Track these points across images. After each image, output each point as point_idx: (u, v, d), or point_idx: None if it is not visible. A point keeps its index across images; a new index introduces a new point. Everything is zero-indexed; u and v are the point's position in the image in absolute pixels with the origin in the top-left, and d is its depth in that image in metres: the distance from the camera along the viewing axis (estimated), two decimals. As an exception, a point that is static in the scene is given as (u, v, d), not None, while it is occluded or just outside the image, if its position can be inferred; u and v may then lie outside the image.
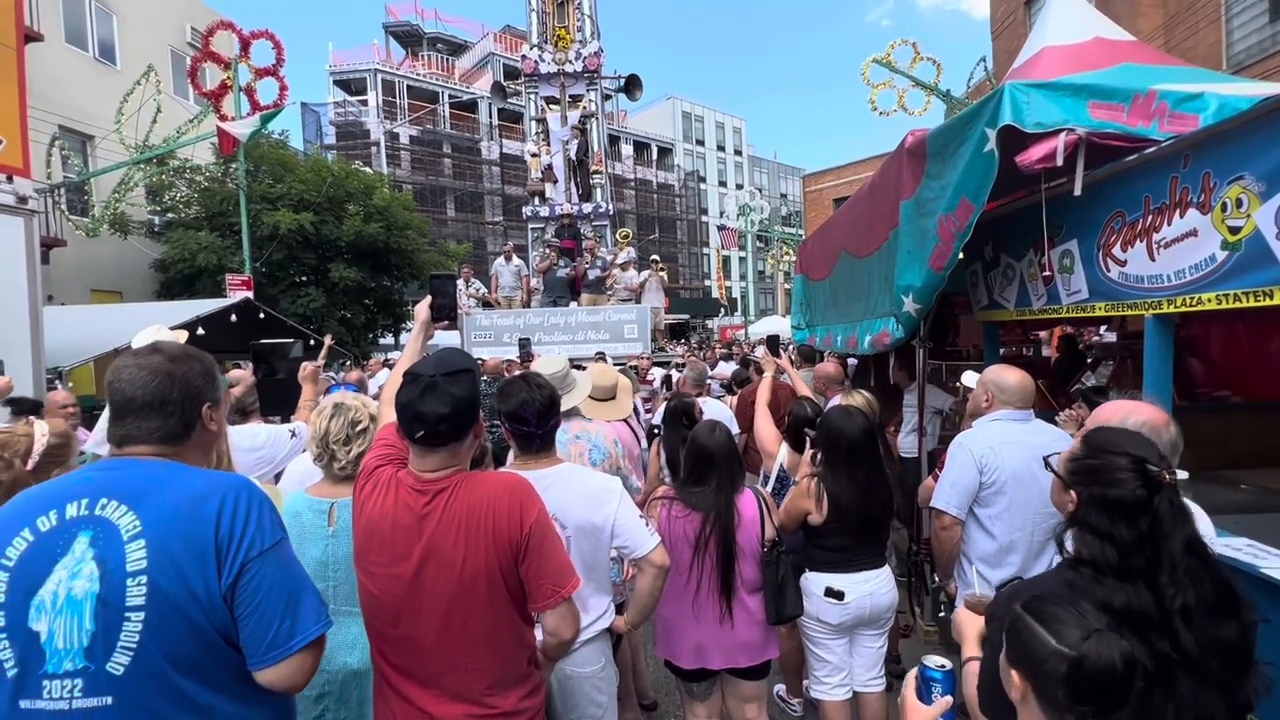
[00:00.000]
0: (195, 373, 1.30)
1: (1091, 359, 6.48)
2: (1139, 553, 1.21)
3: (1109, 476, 1.27)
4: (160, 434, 1.25)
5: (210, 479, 1.24)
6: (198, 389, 1.29)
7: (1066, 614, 1.05)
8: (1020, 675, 1.08)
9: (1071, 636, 1.02)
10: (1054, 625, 1.04)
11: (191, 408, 1.28)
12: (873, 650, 2.64)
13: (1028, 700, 1.07)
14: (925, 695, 1.30)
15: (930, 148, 3.27)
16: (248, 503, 1.22)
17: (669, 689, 3.40)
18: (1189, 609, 1.17)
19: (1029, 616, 1.08)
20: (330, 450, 1.94)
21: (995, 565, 2.28)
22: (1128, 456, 1.27)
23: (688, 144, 45.02)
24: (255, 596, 1.18)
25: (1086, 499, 1.30)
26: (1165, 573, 1.19)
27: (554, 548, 1.50)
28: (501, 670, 1.49)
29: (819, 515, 2.52)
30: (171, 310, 9.64)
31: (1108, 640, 1.00)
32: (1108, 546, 1.23)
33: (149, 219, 14.42)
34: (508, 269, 11.66)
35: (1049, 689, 1.03)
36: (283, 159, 15.12)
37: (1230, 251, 2.12)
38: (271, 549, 1.21)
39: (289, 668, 1.20)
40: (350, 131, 30.21)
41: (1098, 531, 1.26)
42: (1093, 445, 1.35)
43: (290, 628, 1.20)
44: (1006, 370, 2.45)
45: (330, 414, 1.99)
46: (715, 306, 35.24)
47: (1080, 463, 1.35)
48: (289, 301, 14.12)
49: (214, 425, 1.34)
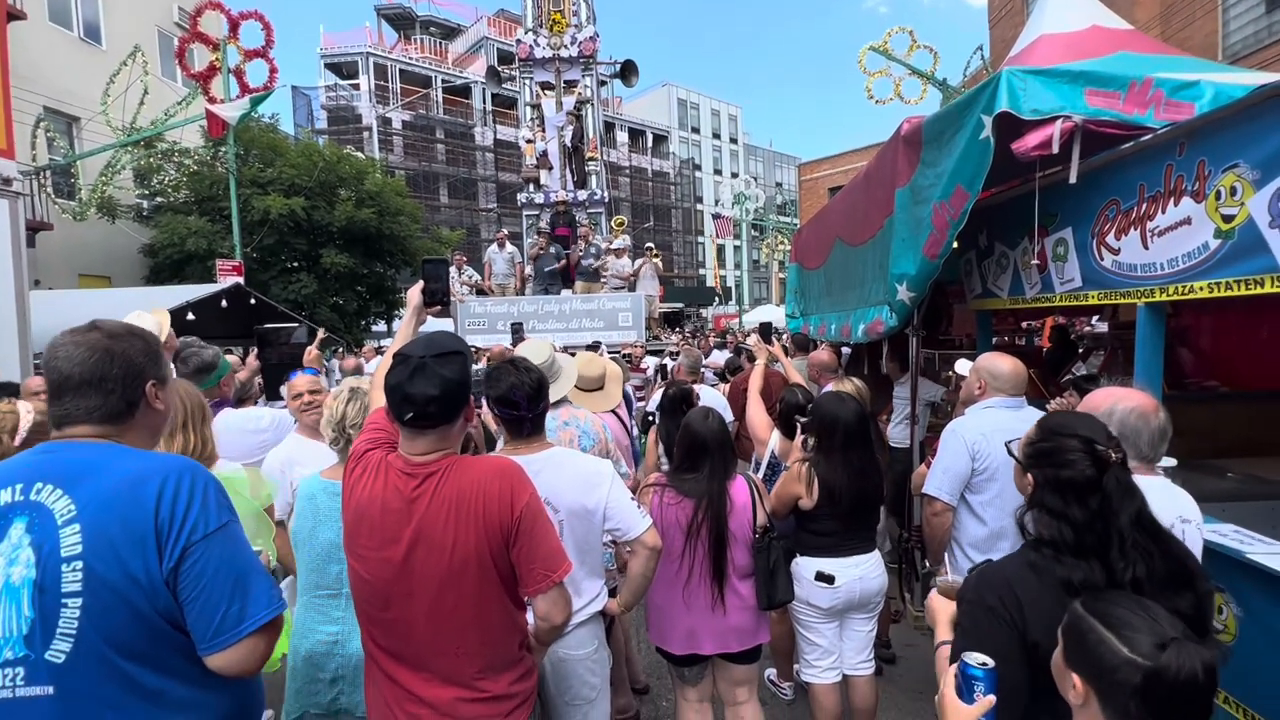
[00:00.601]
0: (136, 350, 1.25)
1: (1083, 349, 6.52)
2: (1091, 530, 1.27)
3: (1061, 458, 1.32)
4: (100, 413, 1.21)
5: (151, 461, 1.20)
6: (139, 366, 1.25)
7: (1137, 619, 1.00)
8: (1083, 680, 1.03)
9: (1144, 645, 0.96)
10: (1124, 631, 0.99)
11: (133, 385, 1.24)
12: (862, 634, 2.66)
13: (1089, 705, 1.03)
14: (966, 694, 1.24)
15: (926, 135, 3.25)
16: (190, 485, 1.17)
17: (660, 673, 3.42)
18: (1139, 581, 1.22)
19: (1095, 619, 1.03)
20: (347, 434, 1.95)
21: (986, 551, 2.29)
22: (1077, 438, 1.33)
23: (683, 131, 44.77)
24: (199, 581, 1.14)
25: (1042, 481, 1.35)
26: (1115, 547, 1.24)
27: (545, 532, 1.49)
28: (492, 654, 1.49)
29: (809, 500, 2.54)
30: (161, 295, 9.52)
31: (1187, 650, 0.94)
32: (1063, 526, 1.29)
33: (137, 203, 14.23)
34: (501, 256, 11.59)
35: (1119, 699, 0.97)
36: (273, 143, 14.94)
37: (1223, 240, 2.12)
38: (217, 532, 1.17)
39: (238, 653, 1.17)
40: (342, 116, 29.86)
41: (1053, 512, 1.31)
42: (1046, 429, 1.41)
43: (239, 612, 1.17)
44: (999, 358, 2.45)
45: (347, 398, 2.00)
46: (710, 295, 35.21)
47: (1035, 446, 1.40)
48: (280, 287, 14.01)
49: (160, 404, 1.29)
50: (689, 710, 2.49)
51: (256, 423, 3.03)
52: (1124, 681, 0.95)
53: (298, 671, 1.86)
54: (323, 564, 1.86)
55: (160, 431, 1.37)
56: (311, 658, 1.84)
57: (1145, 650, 0.95)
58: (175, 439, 2.03)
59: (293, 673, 1.87)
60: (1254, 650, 2.00)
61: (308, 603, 1.90)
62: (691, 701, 2.50)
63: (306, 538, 1.87)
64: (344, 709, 1.84)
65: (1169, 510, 1.62)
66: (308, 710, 1.86)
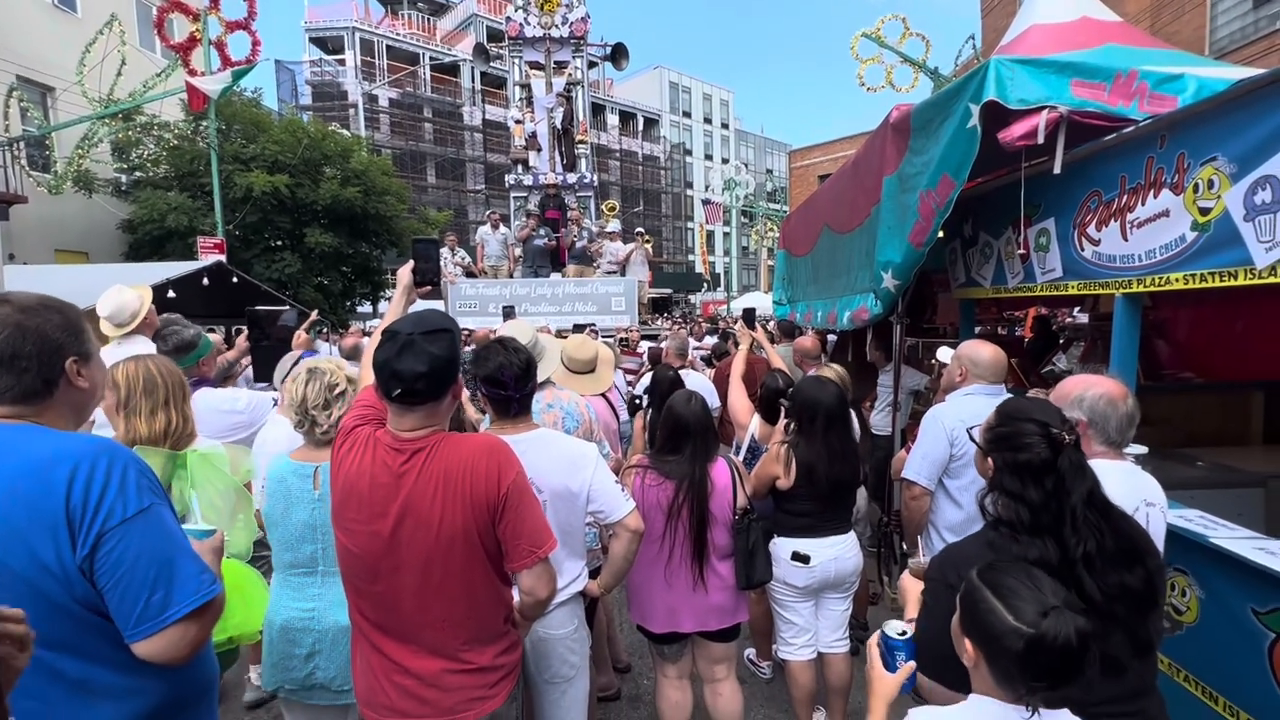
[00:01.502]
0: (53, 325, 1.17)
1: (1063, 340, 6.61)
2: (1046, 510, 1.32)
3: (1018, 441, 1.38)
4: (14, 394, 1.14)
5: (65, 442, 1.13)
6: (57, 342, 1.17)
7: (1023, 589, 1.07)
8: (974, 645, 1.11)
9: (1029, 613, 1.03)
10: (1011, 600, 1.06)
11: (51, 363, 1.16)
12: (837, 613, 2.72)
13: (980, 668, 1.11)
14: (889, 662, 1.34)
15: (914, 123, 3.27)
16: (107, 468, 1.10)
17: (642, 652, 3.48)
18: (1090, 557, 1.28)
19: (986, 589, 1.10)
20: (311, 416, 1.93)
21: (961, 534, 2.33)
22: (1033, 421, 1.38)
23: (674, 115, 44.43)
24: (118, 569, 1.08)
25: (1001, 464, 1.41)
26: (1067, 524, 1.30)
27: (531, 509, 1.51)
28: (479, 627, 1.51)
29: (787, 480, 2.58)
30: (141, 272, 9.35)
31: (1065, 618, 1.02)
32: (1020, 507, 1.35)
33: (115, 177, 13.91)
34: (494, 237, 11.49)
35: (1003, 663, 1.06)
36: (256, 118, 14.64)
37: (1199, 232, 2.16)
38: (136, 517, 1.11)
39: (164, 641, 1.11)
40: (327, 92, 29.26)
41: (1011, 493, 1.37)
42: (1003, 415, 1.47)
43: (163, 599, 1.11)
44: (981, 345, 2.49)
45: (305, 379, 1.97)
46: (698, 281, 35.19)
47: (994, 431, 1.46)
48: (263, 266, 13.81)
49: (84, 382, 1.22)
50: (669, 687, 2.54)
51: (232, 404, 3.01)
52: (1009, 648, 1.04)
53: (274, 646, 1.86)
54: (297, 544, 1.86)
55: (87, 411, 1.28)
56: (287, 631, 1.84)
57: (1029, 619, 1.03)
58: (157, 417, 2.01)
59: (269, 647, 1.88)
60: (1214, 631, 2.07)
61: (283, 580, 1.91)
62: (671, 678, 2.54)
63: (280, 519, 1.87)
64: (319, 684, 1.85)
65: (1134, 494, 1.67)
66: (283, 685, 1.88)
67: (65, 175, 11.65)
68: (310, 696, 1.86)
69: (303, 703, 1.88)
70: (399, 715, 1.51)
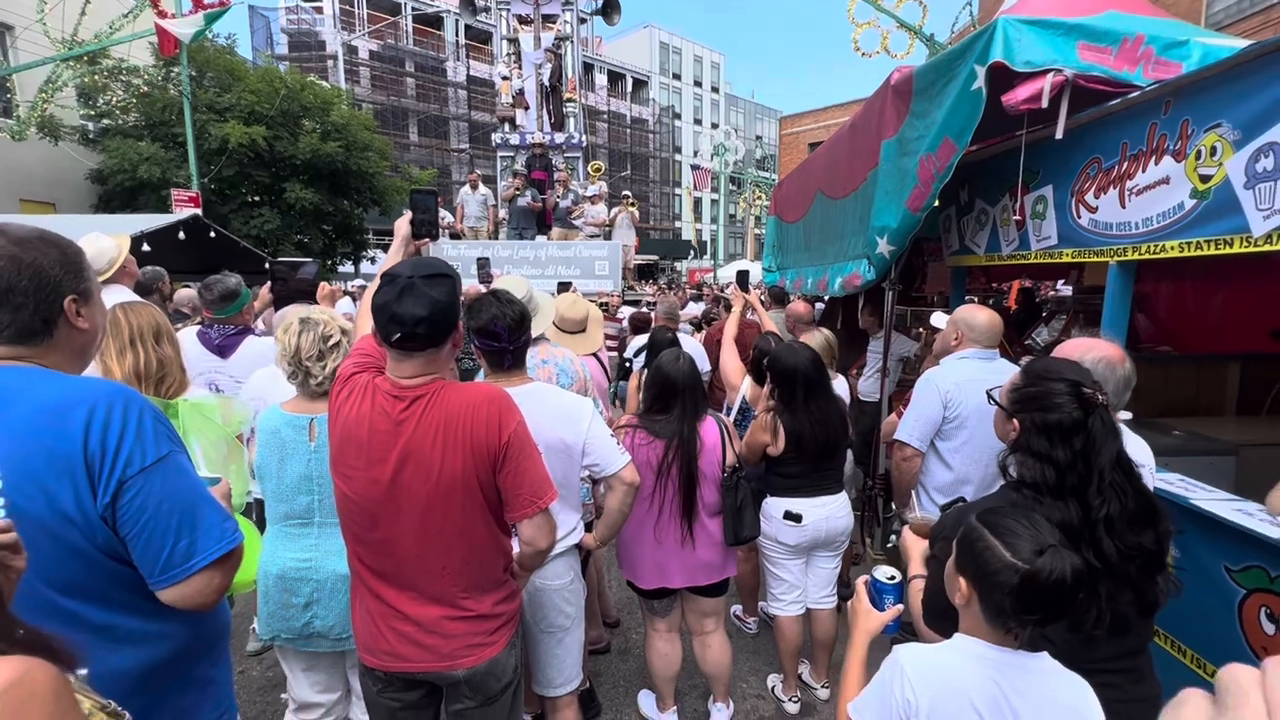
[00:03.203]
0: (51, 260, 1.10)
1: (1046, 313, 6.70)
2: (1074, 470, 1.32)
3: (1049, 401, 1.36)
4: (11, 331, 1.08)
5: (76, 386, 1.08)
6: (54, 279, 1.10)
7: (1021, 528, 1.11)
8: (968, 583, 1.15)
9: (1025, 550, 1.08)
10: (1008, 538, 1.11)
11: (49, 300, 1.10)
12: (827, 570, 2.79)
13: (971, 606, 1.16)
14: (877, 603, 1.39)
15: (917, 85, 3.22)
16: (124, 413, 1.06)
17: (631, 607, 3.55)
18: (1111, 519, 1.29)
19: (985, 529, 1.14)
20: (305, 367, 1.89)
21: (950, 494, 2.40)
22: (1064, 381, 1.37)
23: (664, 77, 43.48)
24: (140, 517, 1.06)
25: (1030, 425, 1.38)
26: (1094, 485, 1.30)
27: (532, 459, 1.51)
28: (478, 575, 1.52)
29: (776, 447, 2.61)
30: (113, 224, 9.02)
31: (1060, 555, 1.07)
32: (1047, 467, 1.33)
33: (82, 124, 13.32)
34: (474, 198, 11.26)
35: (996, 598, 1.10)
36: (231, 66, 14.02)
37: (1198, 200, 2.17)
38: (155, 465, 1.08)
39: (190, 588, 1.10)
40: (304, 42, 28.09)
41: (1039, 454, 1.35)
42: (1032, 374, 1.44)
43: (188, 547, 1.10)
44: (977, 310, 2.51)
45: (299, 330, 1.91)
46: (685, 248, 34.96)
47: (1021, 391, 1.43)
48: (241, 222, 13.41)
49: (84, 324, 1.15)
50: (658, 640, 2.59)
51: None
52: (1003, 583, 1.08)
53: (270, 595, 1.86)
54: (293, 495, 1.84)
55: (89, 354, 1.23)
56: (283, 581, 1.84)
57: (1025, 555, 1.08)
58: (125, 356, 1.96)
59: (264, 596, 1.87)
60: (1189, 590, 2.15)
61: (278, 532, 1.89)
62: (661, 632, 2.60)
63: (275, 471, 1.84)
64: (318, 632, 1.86)
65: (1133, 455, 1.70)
66: (279, 633, 1.88)
67: (28, 120, 11.11)
68: (308, 644, 1.87)
69: (299, 650, 1.89)
70: (399, 659, 1.52)
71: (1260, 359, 4.00)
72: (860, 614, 1.39)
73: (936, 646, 1.20)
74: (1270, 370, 3.94)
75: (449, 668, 1.52)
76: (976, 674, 1.12)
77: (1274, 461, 2.99)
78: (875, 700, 1.18)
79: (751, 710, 2.84)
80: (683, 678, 2.77)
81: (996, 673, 1.12)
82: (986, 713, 1.09)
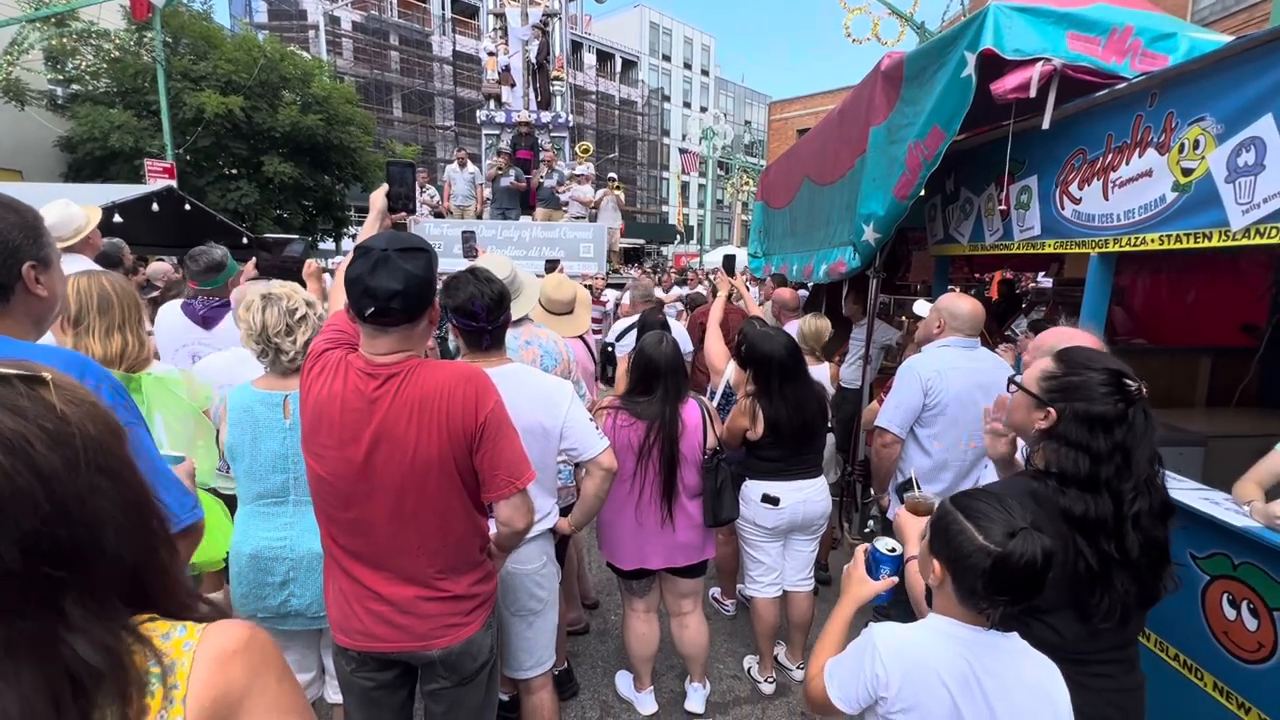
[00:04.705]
0: (9, 224, 1.08)
1: (1026, 304, 6.78)
2: (1110, 461, 1.27)
3: (1091, 392, 1.30)
4: None
5: (33, 354, 1.06)
6: (12, 244, 1.08)
7: (994, 512, 1.13)
8: (942, 565, 1.17)
9: (997, 534, 1.10)
10: (981, 521, 1.12)
11: (6, 266, 1.07)
12: (804, 554, 2.81)
13: (944, 587, 1.18)
14: (873, 573, 1.40)
15: (907, 71, 3.20)
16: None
17: (609, 589, 3.56)
18: (1140, 515, 1.27)
19: (958, 512, 1.16)
20: (274, 344, 1.83)
21: (928, 481, 2.41)
22: (1107, 372, 1.31)
23: (654, 58, 42.97)
24: None
25: (1069, 414, 1.32)
26: (1131, 480, 1.27)
27: (510, 439, 1.48)
28: (454, 555, 1.50)
29: (755, 432, 2.62)
30: (82, 193, 8.73)
31: (1031, 537, 1.09)
32: (1081, 457, 1.28)
33: (50, 89, 12.85)
34: (461, 176, 11.06)
35: (969, 580, 1.12)
36: (207, 33, 13.61)
37: (1180, 193, 2.18)
38: None
39: None
40: (284, 10, 27.26)
41: (1075, 444, 1.30)
42: (1071, 363, 1.37)
43: None
44: (960, 298, 2.52)
45: (261, 306, 1.85)
46: (671, 233, 34.80)
47: (1059, 380, 1.36)
48: (217, 195, 13.11)
49: (43, 290, 1.12)
50: (637, 620, 2.60)
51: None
52: (975, 565, 1.10)
53: (243, 575, 1.82)
54: (267, 474, 1.80)
55: (45, 323, 1.19)
56: (258, 560, 1.80)
57: (996, 539, 1.09)
58: (113, 338, 1.90)
59: (237, 577, 1.83)
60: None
61: (251, 511, 1.85)
62: (639, 612, 2.61)
63: (248, 449, 1.80)
64: (294, 610, 1.83)
65: None
66: (254, 614, 1.85)
67: (-8, 83, 10.71)
68: (284, 623, 1.85)
69: (275, 629, 1.86)
70: (373, 639, 1.50)
71: (1231, 352, 4.09)
72: (854, 580, 1.41)
73: (910, 625, 1.21)
74: (1240, 363, 4.02)
75: (423, 648, 1.51)
76: (947, 652, 1.14)
77: (1241, 452, 3.05)
78: (849, 668, 1.22)
79: (727, 690, 2.88)
80: (660, 658, 2.79)
81: (967, 651, 1.14)
82: (956, 689, 1.11)
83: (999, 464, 1.71)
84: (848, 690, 1.21)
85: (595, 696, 2.81)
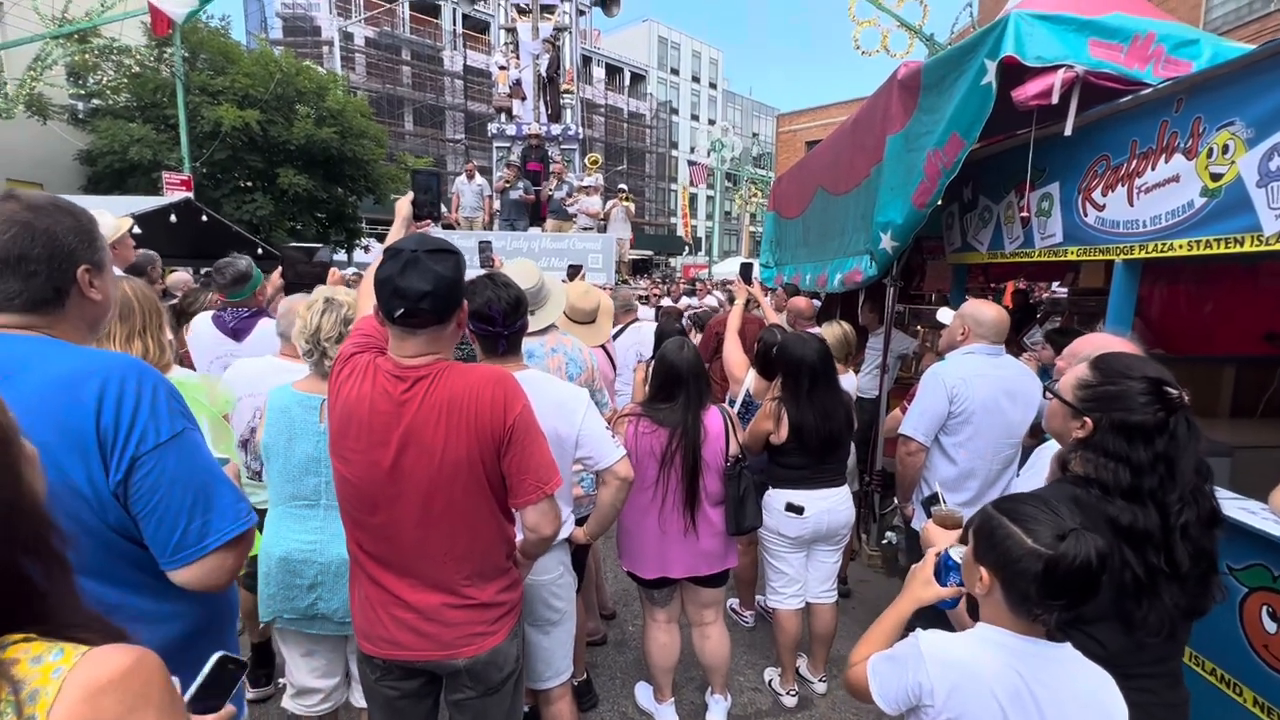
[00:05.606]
0: (65, 227, 1.06)
1: (1040, 314, 6.73)
2: (1153, 472, 1.23)
3: (1130, 402, 1.25)
4: (24, 300, 1.04)
5: (90, 358, 1.04)
6: (68, 247, 1.06)
7: (1041, 514, 1.09)
8: (989, 572, 1.13)
9: (1046, 536, 1.06)
10: (1029, 525, 1.09)
11: (62, 269, 1.06)
12: (828, 565, 2.78)
13: (993, 595, 1.13)
14: (940, 579, 1.34)
15: (926, 79, 3.20)
16: (137, 388, 1.02)
17: (627, 600, 3.52)
18: (1188, 526, 1.22)
19: (1004, 517, 1.12)
20: (322, 347, 1.86)
21: (954, 490, 2.39)
22: (1146, 380, 1.26)
23: (662, 72, 43.33)
24: (153, 495, 1.03)
25: (1106, 424, 1.27)
26: (1176, 491, 1.22)
27: (538, 443, 1.47)
28: (481, 561, 1.48)
29: (779, 435, 2.60)
30: (104, 205, 8.87)
31: (1083, 538, 1.05)
32: (1122, 468, 1.24)
33: (71, 104, 13.10)
34: (469, 188, 11.15)
35: (1021, 586, 1.08)
36: (224, 48, 13.87)
37: (1209, 198, 2.16)
38: (169, 442, 1.04)
39: (202, 569, 1.08)
40: (299, 27, 27.72)
41: (1114, 455, 1.25)
42: (1108, 371, 1.32)
43: (201, 528, 1.07)
44: (984, 305, 2.50)
45: (322, 309, 1.90)
46: (679, 244, 34.90)
47: (1096, 389, 1.32)
48: (233, 207, 13.28)
49: (97, 294, 1.12)
50: (658, 630, 2.57)
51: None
52: (1026, 570, 1.06)
53: (271, 577, 1.82)
54: (300, 476, 1.81)
55: (99, 327, 1.19)
56: (288, 563, 1.80)
57: (1046, 541, 1.06)
58: (133, 344, 1.91)
59: (265, 578, 1.84)
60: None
61: (283, 513, 1.85)
62: (660, 622, 2.58)
63: (282, 450, 1.81)
64: (321, 614, 1.83)
65: None
66: (281, 614, 1.85)
67: (16, 98, 10.91)
68: (311, 626, 1.84)
69: (301, 631, 1.85)
70: (398, 648, 1.49)
71: (1254, 362, 4.02)
72: (919, 581, 1.34)
73: (957, 635, 1.18)
74: (1264, 373, 3.96)
75: (449, 656, 1.49)
76: (997, 663, 1.11)
77: (1268, 463, 3.00)
78: (893, 671, 1.19)
79: (749, 703, 2.83)
80: (680, 669, 2.75)
81: (1018, 661, 1.10)
82: (1007, 702, 1.08)
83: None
84: (888, 690, 1.19)
85: (615, 708, 2.77)
